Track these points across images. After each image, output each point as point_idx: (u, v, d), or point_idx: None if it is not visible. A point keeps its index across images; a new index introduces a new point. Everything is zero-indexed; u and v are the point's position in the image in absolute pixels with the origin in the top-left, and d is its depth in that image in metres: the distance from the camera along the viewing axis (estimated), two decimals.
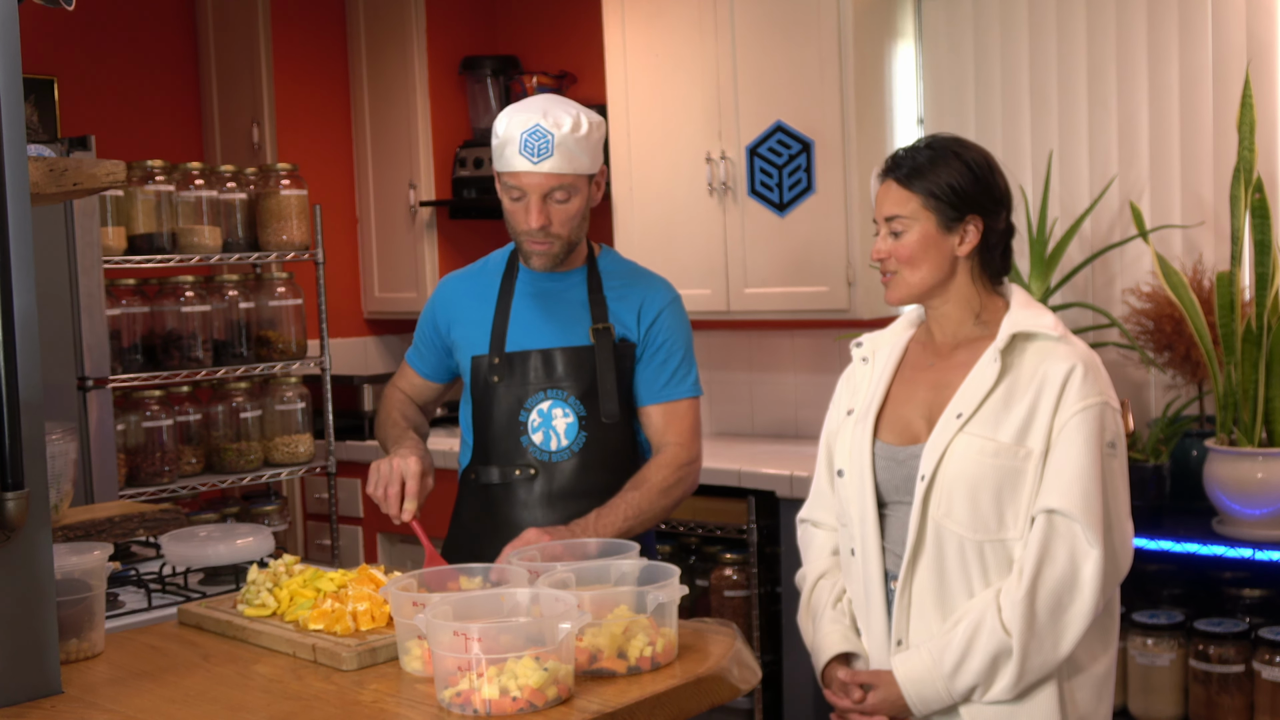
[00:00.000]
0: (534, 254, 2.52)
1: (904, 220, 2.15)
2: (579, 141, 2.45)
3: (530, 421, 2.55)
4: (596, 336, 2.55)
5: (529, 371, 2.56)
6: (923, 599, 2.10)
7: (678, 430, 2.60)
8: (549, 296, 2.60)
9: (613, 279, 2.63)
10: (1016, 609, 2.00)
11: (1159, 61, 3.52)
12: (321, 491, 4.77)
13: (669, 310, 2.62)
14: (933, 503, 2.08)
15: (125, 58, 4.81)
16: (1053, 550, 2.02)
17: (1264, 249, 3.05)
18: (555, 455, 2.55)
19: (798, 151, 3.87)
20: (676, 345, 2.62)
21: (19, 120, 1.74)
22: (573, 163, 2.44)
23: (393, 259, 5.06)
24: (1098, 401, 2.06)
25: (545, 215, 2.46)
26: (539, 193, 2.45)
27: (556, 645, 1.68)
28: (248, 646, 2.04)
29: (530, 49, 4.99)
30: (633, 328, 2.59)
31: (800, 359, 4.34)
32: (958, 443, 2.08)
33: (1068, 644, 2.03)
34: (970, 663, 2.03)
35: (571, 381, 2.54)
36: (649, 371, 2.60)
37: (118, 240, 3.76)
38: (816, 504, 2.36)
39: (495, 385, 2.56)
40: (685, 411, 2.62)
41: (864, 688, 2.13)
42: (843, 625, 2.22)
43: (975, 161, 2.16)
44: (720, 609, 3.79)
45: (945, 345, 2.22)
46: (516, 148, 2.43)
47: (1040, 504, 2.04)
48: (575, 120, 2.45)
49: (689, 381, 2.63)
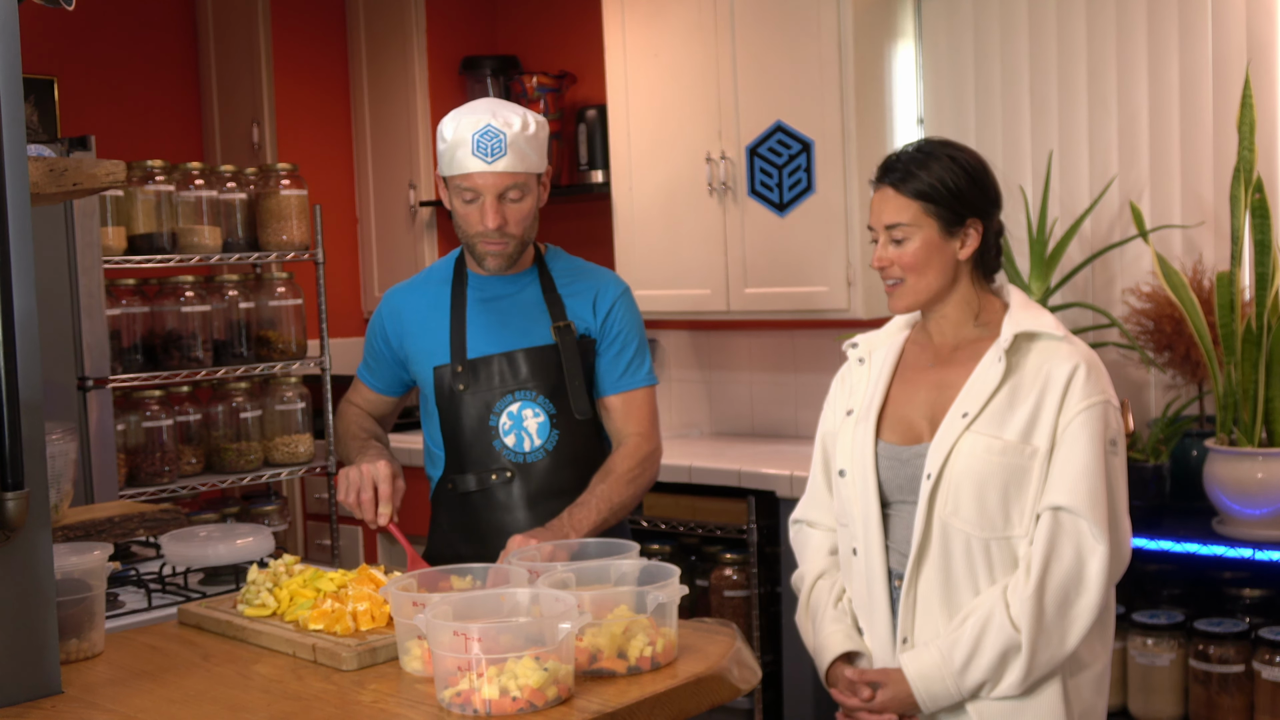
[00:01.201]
0: (489, 254, 2.52)
1: (906, 228, 2.15)
2: (529, 140, 2.47)
3: (501, 425, 2.55)
4: (559, 334, 2.56)
5: (494, 375, 2.55)
6: (928, 597, 2.11)
7: (638, 420, 2.60)
8: (503, 300, 2.60)
9: (563, 277, 2.64)
10: (1025, 605, 2.02)
11: (1159, 61, 3.52)
12: (321, 491, 4.77)
13: (621, 301, 2.64)
14: (939, 501, 2.09)
15: (125, 58, 4.81)
16: (1059, 547, 2.03)
17: (1264, 249, 3.05)
18: (530, 456, 2.55)
19: (798, 151, 3.87)
20: (631, 335, 2.62)
21: (19, 120, 1.74)
22: (524, 161, 2.46)
23: (393, 259, 5.06)
24: (1100, 400, 2.08)
25: (501, 215, 2.47)
26: (494, 192, 2.46)
27: (556, 645, 1.68)
28: (248, 646, 2.04)
29: (530, 49, 4.99)
30: (590, 321, 2.60)
31: (800, 359, 4.34)
32: (964, 441, 2.09)
33: (1074, 639, 2.05)
34: (979, 659, 2.05)
35: (539, 381, 2.55)
36: (605, 362, 2.60)
37: (118, 240, 3.76)
38: (811, 504, 2.36)
39: (461, 393, 2.56)
40: (643, 400, 2.62)
41: (872, 686, 2.14)
42: (845, 625, 2.22)
43: (970, 164, 2.17)
44: (720, 609, 3.79)
45: (945, 346, 2.22)
46: (469, 149, 2.45)
47: (1046, 501, 2.05)
48: (524, 119, 2.47)
49: (644, 370, 2.63)
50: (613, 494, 2.50)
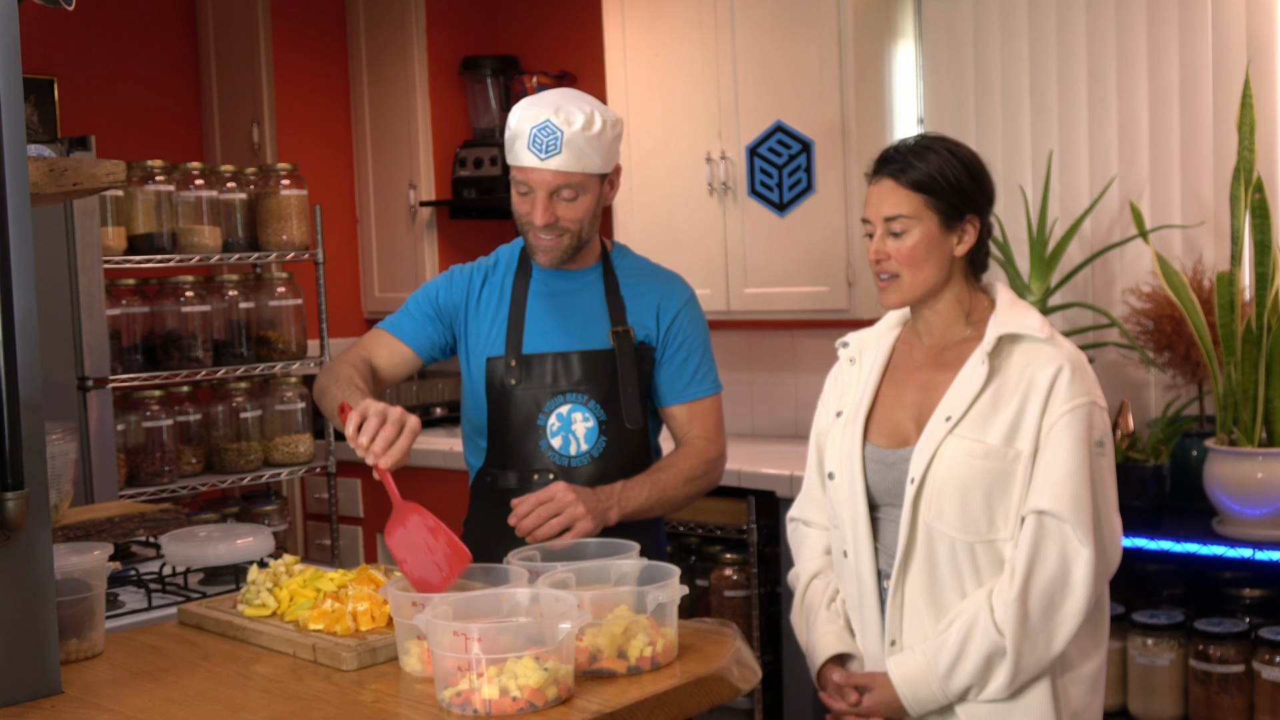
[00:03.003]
0: (539, 249, 2.48)
1: (905, 220, 2.11)
2: (590, 140, 2.39)
3: (549, 425, 2.50)
4: (617, 340, 2.51)
5: (546, 374, 2.50)
6: (915, 600, 2.10)
7: (703, 426, 2.57)
8: (564, 296, 2.55)
9: (628, 277, 2.59)
10: (1009, 609, 2.01)
11: (1159, 61, 3.52)
12: (321, 491, 4.77)
13: (687, 309, 2.59)
14: (923, 505, 2.08)
15: (125, 58, 4.81)
16: (1044, 551, 2.02)
17: (1264, 249, 3.05)
18: (574, 460, 2.50)
19: (798, 151, 3.87)
20: (696, 344, 2.58)
21: (19, 120, 1.74)
22: (581, 161, 2.39)
23: (393, 259, 5.06)
24: (1085, 402, 2.06)
25: (551, 213, 2.42)
26: (545, 190, 2.41)
27: (556, 645, 1.68)
28: (248, 646, 2.04)
29: (530, 49, 4.99)
30: (651, 328, 2.55)
31: (800, 359, 4.34)
32: (947, 445, 2.07)
33: (1060, 642, 2.03)
34: (964, 663, 2.04)
35: (591, 385, 2.50)
36: (670, 371, 2.56)
37: (118, 240, 3.76)
38: (807, 503, 2.35)
39: (512, 388, 2.51)
40: (710, 409, 2.58)
41: (859, 690, 2.13)
42: (837, 626, 2.21)
43: (968, 159, 2.15)
44: (720, 609, 3.79)
45: (934, 346, 2.20)
46: (525, 142, 2.39)
47: (1030, 505, 2.03)
48: (588, 117, 2.39)
49: (710, 379, 2.59)
50: (668, 485, 2.47)
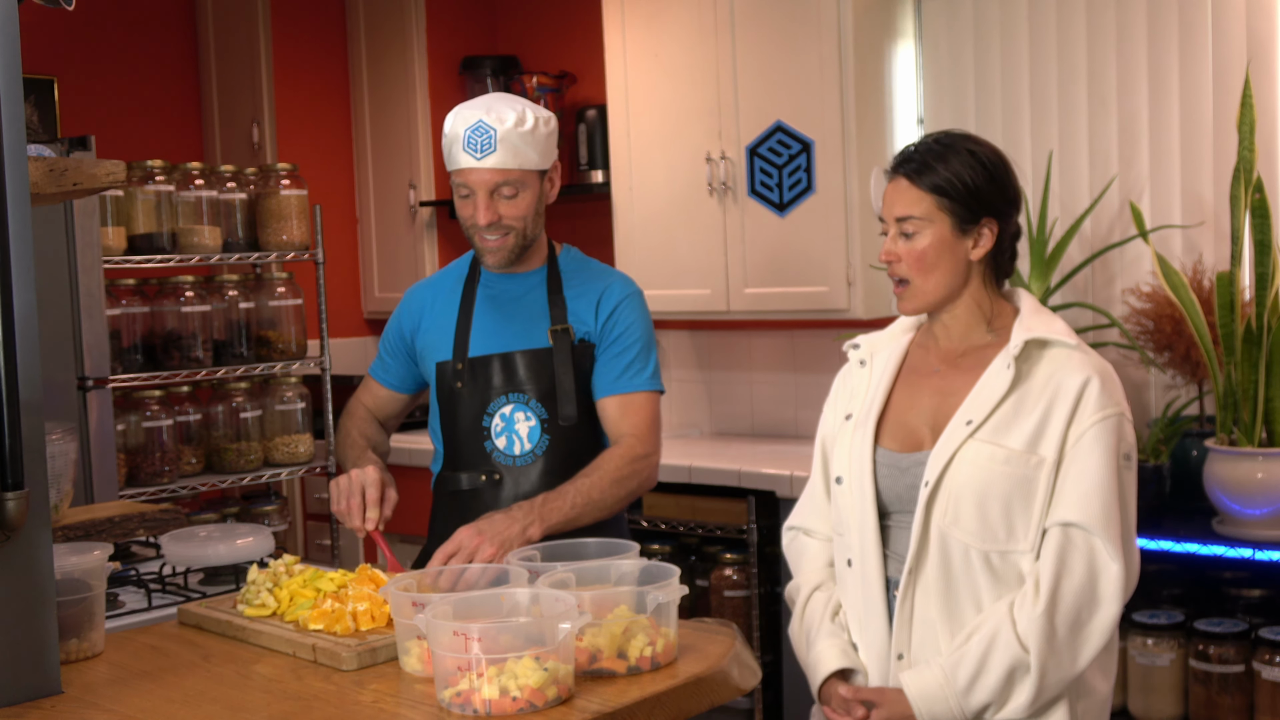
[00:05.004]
0: (487, 251, 2.52)
1: (917, 221, 2.05)
2: (524, 136, 2.44)
3: (493, 426, 2.53)
4: (555, 338, 2.53)
5: (491, 376, 2.53)
6: (925, 611, 2.03)
7: (633, 423, 2.52)
8: (509, 299, 2.59)
9: (572, 276, 2.60)
10: (1034, 624, 1.93)
11: (1159, 61, 3.52)
12: (321, 491, 4.77)
13: (628, 302, 2.58)
14: (936, 510, 2.01)
15: (125, 58, 4.81)
16: (1070, 563, 1.95)
17: (1264, 249, 3.05)
18: (519, 459, 2.52)
19: (798, 151, 3.87)
20: (635, 337, 2.56)
21: (19, 120, 1.74)
22: (518, 157, 2.44)
23: (393, 259, 5.06)
24: (1115, 413, 2.00)
25: (493, 211, 2.46)
26: (485, 189, 2.45)
27: (556, 645, 1.68)
28: (248, 646, 2.04)
29: (530, 49, 4.99)
30: (591, 325, 2.56)
31: (800, 359, 4.34)
32: (967, 449, 2.00)
33: (1085, 659, 1.96)
34: (985, 679, 1.96)
35: (533, 384, 2.52)
36: (604, 363, 2.55)
37: (118, 240, 3.76)
38: (809, 511, 2.27)
39: (459, 391, 2.55)
40: (642, 404, 2.54)
41: (867, 705, 2.04)
42: (841, 640, 2.12)
43: (989, 159, 2.07)
44: (720, 609, 3.79)
45: (952, 351, 2.13)
46: (461, 145, 2.45)
47: (1055, 516, 1.97)
48: (520, 115, 2.44)
49: (646, 374, 2.55)
50: (593, 490, 2.42)
